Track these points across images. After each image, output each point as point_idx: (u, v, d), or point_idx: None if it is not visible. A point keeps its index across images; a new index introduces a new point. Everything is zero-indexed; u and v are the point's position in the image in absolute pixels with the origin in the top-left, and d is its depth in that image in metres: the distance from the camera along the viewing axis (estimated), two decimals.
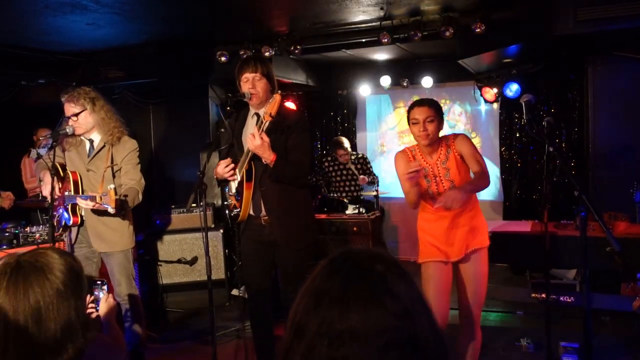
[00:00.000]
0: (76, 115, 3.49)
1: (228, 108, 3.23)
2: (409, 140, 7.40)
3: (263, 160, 3.11)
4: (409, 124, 3.16)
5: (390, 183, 7.40)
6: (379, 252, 1.01)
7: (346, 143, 6.51)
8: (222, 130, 3.53)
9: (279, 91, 3.13)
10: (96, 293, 2.05)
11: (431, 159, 3.15)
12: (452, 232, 3.12)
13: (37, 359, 1.30)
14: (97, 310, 2.21)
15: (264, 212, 3.25)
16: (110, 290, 4.49)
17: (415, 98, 7.34)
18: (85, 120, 3.52)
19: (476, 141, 7.32)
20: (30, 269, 1.36)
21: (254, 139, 3.01)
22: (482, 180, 3.02)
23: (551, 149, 2.72)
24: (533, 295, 4.16)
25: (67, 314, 1.35)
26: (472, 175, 3.16)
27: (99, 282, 2.06)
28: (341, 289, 0.92)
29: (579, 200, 2.48)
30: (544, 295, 3.96)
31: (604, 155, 5.42)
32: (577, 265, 4.53)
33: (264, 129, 3.07)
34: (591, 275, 3.06)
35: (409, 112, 3.14)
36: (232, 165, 3.25)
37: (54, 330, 1.32)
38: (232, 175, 3.26)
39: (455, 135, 3.20)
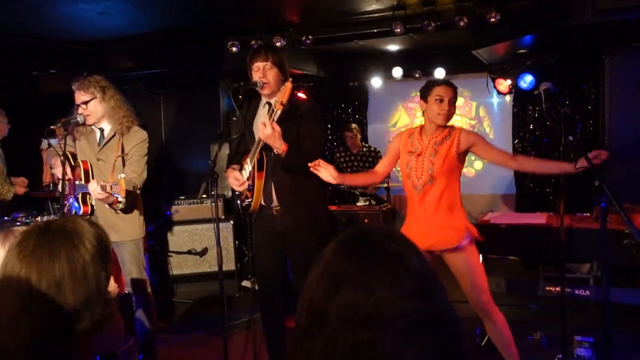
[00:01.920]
0: (85, 103, 3.47)
1: (240, 97, 3.19)
2: None
3: (275, 151, 3.08)
4: (425, 100, 3.11)
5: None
6: (391, 230, 0.99)
7: (354, 127, 6.51)
8: (234, 119, 3.49)
9: (290, 79, 3.09)
10: None
11: (426, 138, 3.14)
12: (426, 226, 3.11)
13: (55, 324, 1.26)
14: None
15: (275, 203, 3.22)
16: (118, 277, 4.50)
17: None
18: (95, 109, 3.50)
19: (489, 133, 7.25)
20: (59, 233, 1.32)
21: (264, 128, 2.97)
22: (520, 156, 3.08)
23: (570, 138, 2.66)
24: (547, 288, 4.11)
25: (91, 283, 1.31)
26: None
27: None
28: (362, 271, 0.89)
29: (598, 191, 2.42)
30: (558, 289, 3.90)
31: (619, 148, 5.32)
32: (593, 259, 4.47)
33: (275, 118, 3.03)
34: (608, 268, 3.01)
35: (429, 88, 3.09)
36: (245, 185, 3.23)
37: (73, 298, 1.28)
38: (243, 189, 3.26)
39: (465, 130, 3.18)
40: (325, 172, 3.00)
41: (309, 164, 3.00)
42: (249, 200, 3.26)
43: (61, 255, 1.29)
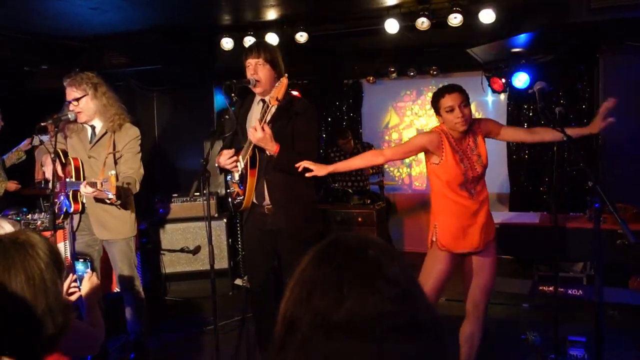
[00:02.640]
0: (77, 100, 3.43)
1: (232, 95, 3.16)
2: (412, 132, 7.33)
3: (267, 152, 3.06)
4: (438, 114, 3.05)
5: (395, 174, 7.35)
6: (369, 236, 0.97)
7: (348, 134, 6.52)
8: (227, 117, 3.47)
9: (286, 74, 3.05)
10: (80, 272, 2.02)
11: (462, 145, 3.07)
12: (471, 226, 3.08)
13: (16, 335, 1.26)
14: (79, 289, 2.16)
15: (267, 201, 3.20)
16: (109, 276, 4.47)
17: (426, 86, 7.38)
18: (86, 106, 3.47)
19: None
20: (11, 245, 1.33)
21: (255, 131, 2.95)
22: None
23: (564, 138, 2.65)
24: (540, 288, 4.11)
25: (50, 291, 1.33)
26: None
27: (82, 259, 2.02)
28: (334, 277, 0.87)
29: (592, 191, 2.41)
30: (551, 289, 3.90)
31: (614, 148, 5.33)
32: (586, 258, 4.47)
33: (270, 115, 3.01)
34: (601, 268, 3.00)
35: (437, 101, 3.03)
36: (234, 158, 3.20)
37: (34, 307, 1.29)
38: (234, 167, 3.22)
39: (479, 119, 3.16)
40: (316, 167, 2.99)
41: (299, 168, 2.99)
42: (241, 198, 3.24)
43: (17, 267, 1.30)
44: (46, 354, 1.32)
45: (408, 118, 7.58)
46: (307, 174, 3.02)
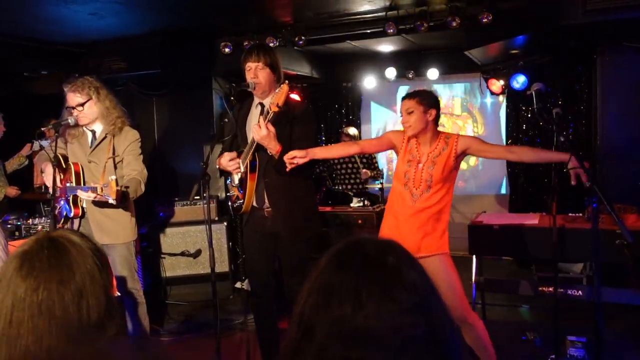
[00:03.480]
0: (82, 105, 3.44)
1: (232, 98, 3.18)
2: None
3: (268, 152, 3.06)
4: None
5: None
6: (389, 242, 0.95)
7: (352, 130, 6.53)
8: (226, 120, 3.48)
9: (286, 81, 3.06)
10: None
11: (426, 148, 3.17)
12: (405, 226, 3.13)
13: (80, 338, 1.23)
14: None
15: (267, 204, 3.21)
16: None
17: (425, 88, 7.38)
18: (90, 110, 3.47)
19: (481, 133, 7.26)
20: (68, 243, 1.30)
21: (259, 129, 2.96)
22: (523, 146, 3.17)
23: (562, 139, 2.67)
24: (540, 288, 4.11)
25: (102, 291, 1.29)
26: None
27: None
28: (352, 284, 0.85)
29: (589, 191, 2.42)
30: (551, 289, 3.90)
31: (611, 148, 5.34)
32: (585, 259, 4.48)
33: (269, 120, 3.02)
34: (599, 268, 3.01)
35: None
36: (237, 160, 3.21)
37: (97, 306, 1.26)
38: (236, 169, 3.22)
39: (460, 136, 3.21)
40: (297, 158, 3.01)
41: (288, 165, 2.99)
42: (241, 201, 3.25)
43: (80, 265, 1.27)
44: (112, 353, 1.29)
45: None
46: (289, 166, 3.00)
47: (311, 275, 0.92)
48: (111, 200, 3.12)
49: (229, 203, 3.43)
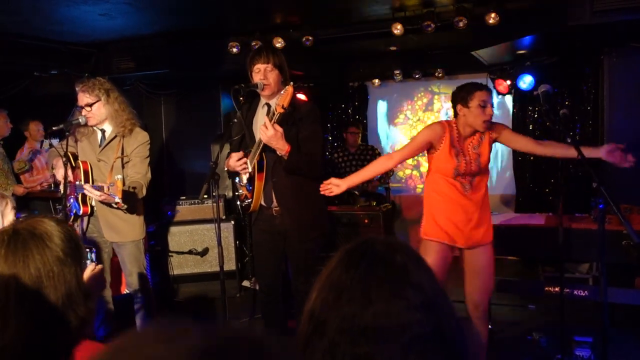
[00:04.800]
0: (90, 105, 3.48)
1: (241, 98, 3.20)
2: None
3: (277, 152, 3.08)
4: (465, 105, 3.05)
5: (401, 175, 7.37)
6: (398, 241, 0.98)
7: (359, 125, 6.67)
8: (235, 120, 3.50)
9: (292, 82, 3.09)
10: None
11: (463, 140, 3.12)
12: (465, 220, 3.11)
13: (40, 329, 1.26)
14: None
15: (275, 203, 3.24)
16: (119, 278, 4.51)
17: (432, 88, 7.40)
18: (98, 111, 3.51)
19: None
20: (28, 236, 1.31)
21: (266, 130, 2.98)
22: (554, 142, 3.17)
23: (569, 140, 2.68)
24: (546, 288, 4.12)
25: (68, 282, 1.31)
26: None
27: (87, 250, 1.96)
28: (362, 282, 0.88)
29: (596, 192, 2.44)
30: (557, 289, 3.91)
31: None
32: (591, 259, 4.48)
33: (275, 121, 3.04)
34: (606, 268, 3.03)
35: (471, 92, 3.04)
36: (244, 160, 3.23)
37: (55, 299, 1.28)
38: (244, 169, 3.25)
39: (493, 123, 3.17)
40: (332, 186, 3.08)
41: (320, 189, 3.06)
42: (249, 200, 3.28)
43: (35, 258, 1.28)
44: (74, 345, 1.31)
45: (413, 120, 7.61)
46: (329, 194, 3.10)
47: (322, 274, 0.95)
48: (117, 199, 3.15)
49: (238, 202, 3.46)
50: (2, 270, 1.27)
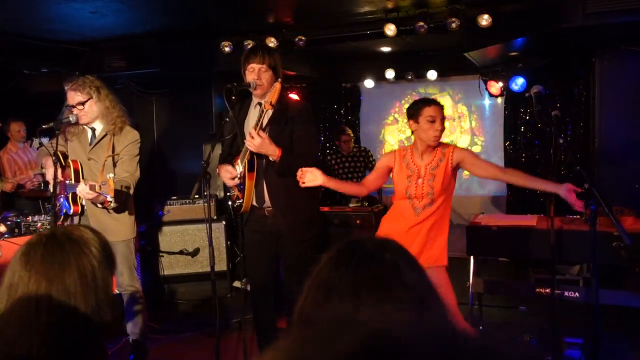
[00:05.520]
0: (82, 103, 3.45)
1: (233, 98, 3.18)
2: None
3: (270, 158, 3.07)
4: (416, 120, 3.10)
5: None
6: (388, 240, 0.97)
7: (349, 131, 6.59)
8: (227, 120, 3.49)
9: (279, 79, 3.07)
10: None
11: (422, 160, 3.14)
12: (407, 238, 3.05)
13: (66, 332, 1.26)
14: None
15: (267, 203, 3.22)
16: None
17: (421, 91, 7.42)
18: (90, 109, 3.48)
19: (480, 135, 7.28)
20: (66, 241, 1.32)
21: (253, 139, 2.97)
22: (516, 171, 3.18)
23: (561, 141, 2.68)
24: (537, 290, 4.12)
25: (100, 289, 1.32)
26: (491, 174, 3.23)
27: None
28: (351, 281, 0.87)
29: (588, 193, 2.44)
30: (548, 291, 3.92)
31: (609, 151, 5.37)
32: (583, 261, 4.50)
33: (267, 118, 3.02)
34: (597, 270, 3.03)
35: (419, 109, 3.08)
36: (237, 181, 3.22)
37: (86, 304, 1.28)
38: (234, 185, 3.26)
39: (457, 147, 3.21)
40: (311, 175, 3.01)
41: (297, 176, 3.01)
42: (240, 201, 3.26)
43: (71, 264, 1.29)
44: (97, 350, 1.32)
45: (402, 122, 7.62)
46: (302, 184, 3.03)
47: (312, 273, 0.94)
48: (109, 198, 3.13)
49: (229, 203, 3.44)
50: (37, 271, 1.27)
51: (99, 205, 3.36)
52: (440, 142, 3.14)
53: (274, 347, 0.58)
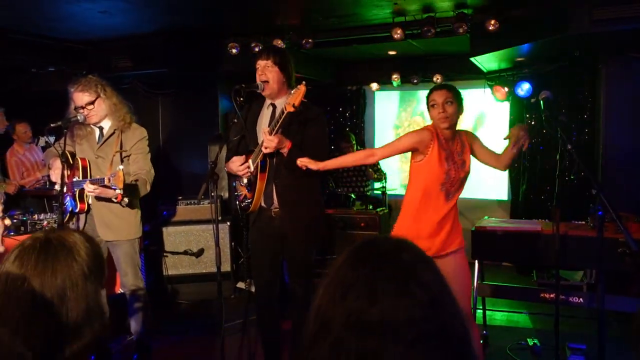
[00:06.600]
0: (91, 103, 3.46)
1: (240, 99, 3.19)
2: None
3: (281, 150, 3.07)
4: (428, 108, 3.12)
5: (397, 181, 7.38)
6: (404, 240, 0.98)
7: (351, 138, 6.63)
8: (235, 121, 3.49)
9: (304, 82, 3.04)
10: None
11: (450, 146, 3.09)
12: (439, 227, 3.07)
13: (57, 339, 1.27)
14: None
15: (275, 204, 3.23)
16: (113, 277, 4.48)
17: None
18: (99, 107, 3.49)
19: (485, 140, 7.28)
20: (59, 247, 1.33)
21: (270, 142, 2.97)
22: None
23: (569, 147, 2.69)
24: (541, 295, 4.12)
25: (89, 297, 1.33)
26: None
27: None
28: (368, 279, 0.89)
29: (595, 199, 2.45)
30: (552, 296, 3.92)
31: (615, 158, 5.37)
32: (587, 266, 4.50)
33: (284, 120, 3.00)
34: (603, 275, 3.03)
35: (428, 96, 3.11)
36: (246, 164, 3.22)
37: (75, 312, 1.29)
38: (246, 173, 3.25)
39: (469, 132, 3.24)
40: (309, 162, 3.00)
41: (300, 165, 2.99)
42: (249, 200, 3.27)
43: (63, 270, 1.30)
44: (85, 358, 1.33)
45: (411, 125, 7.62)
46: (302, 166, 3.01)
47: (329, 272, 0.95)
48: (118, 190, 3.13)
49: (237, 202, 3.44)
50: (30, 276, 1.28)
51: (114, 200, 3.35)
52: (457, 130, 3.13)
53: None
